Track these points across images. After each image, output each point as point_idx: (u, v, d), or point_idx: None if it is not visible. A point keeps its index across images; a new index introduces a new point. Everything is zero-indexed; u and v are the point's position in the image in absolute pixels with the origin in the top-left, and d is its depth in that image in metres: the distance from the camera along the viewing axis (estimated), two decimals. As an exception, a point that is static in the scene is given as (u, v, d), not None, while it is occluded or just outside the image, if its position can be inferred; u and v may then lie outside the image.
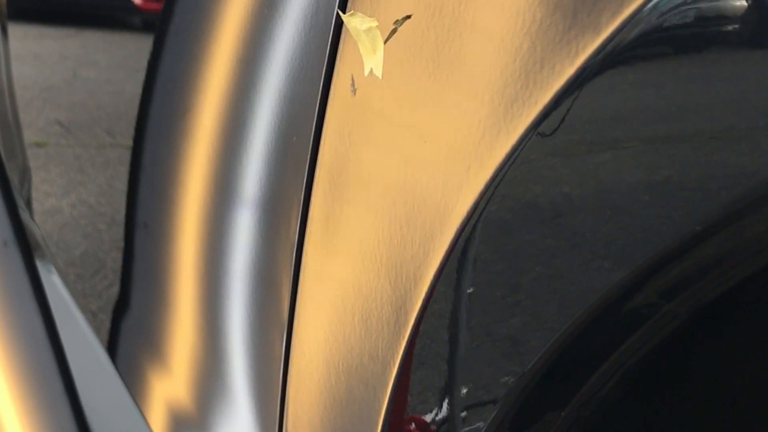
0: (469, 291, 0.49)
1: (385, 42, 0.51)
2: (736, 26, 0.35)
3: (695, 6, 0.37)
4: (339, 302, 0.60)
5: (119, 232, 1.09)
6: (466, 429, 0.50)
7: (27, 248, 1.14)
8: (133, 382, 1.05)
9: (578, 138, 0.42)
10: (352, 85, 0.56)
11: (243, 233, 0.75)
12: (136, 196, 1.02)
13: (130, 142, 1.01)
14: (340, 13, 0.55)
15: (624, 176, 0.40)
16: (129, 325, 1.09)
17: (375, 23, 0.51)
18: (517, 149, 0.44)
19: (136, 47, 1.13)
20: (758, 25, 0.35)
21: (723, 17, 0.36)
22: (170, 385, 0.94)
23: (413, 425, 0.54)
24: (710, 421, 0.42)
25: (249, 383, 0.77)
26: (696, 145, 0.38)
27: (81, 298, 1.41)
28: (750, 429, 0.59)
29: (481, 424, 0.49)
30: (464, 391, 0.50)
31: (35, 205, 2.00)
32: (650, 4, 0.38)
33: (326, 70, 0.59)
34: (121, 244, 1.08)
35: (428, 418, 0.53)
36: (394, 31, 0.51)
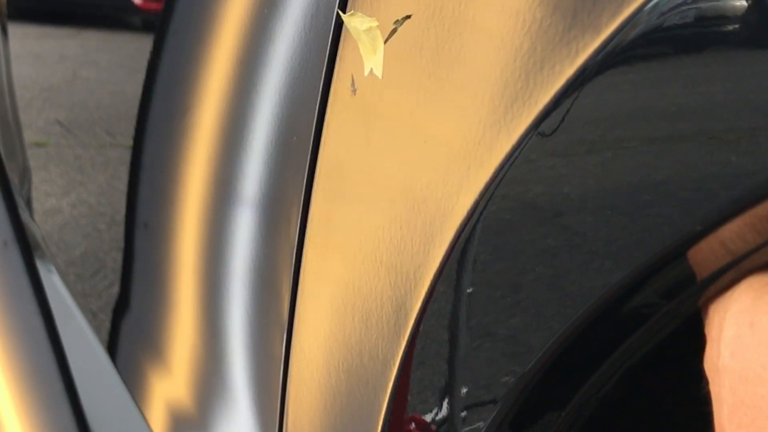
0: (469, 291, 0.49)
1: (385, 42, 0.51)
2: (736, 26, 0.35)
3: (695, 6, 0.37)
4: (339, 302, 0.60)
5: (119, 232, 1.09)
6: (466, 429, 0.50)
7: (27, 248, 1.14)
8: (133, 382, 1.05)
9: (578, 138, 0.42)
10: (352, 85, 0.56)
11: (243, 233, 0.75)
12: (136, 196, 1.02)
13: (130, 142, 1.01)
14: (340, 13, 0.55)
15: (624, 176, 0.40)
16: (129, 325, 1.09)
17: (375, 23, 0.51)
18: (518, 149, 0.44)
19: (136, 47, 1.13)
20: (758, 25, 0.35)
21: (723, 17, 0.36)
22: (170, 385, 0.94)
23: (413, 425, 0.54)
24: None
25: (249, 383, 0.77)
26: (696, 145, 0.38)
27: (81, 298, 1.41)
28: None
29: (481, 424, 0.49)
30: (464, 391, 0.50)
31: (35, 205, 2.00)
32: (650, 5, 0.38)
33: (326, 70, 0.59)
34: (121, 244, 1.08)
35: (428, 418, 0.53)
36: (394, 31, 0.51)
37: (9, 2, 1.87)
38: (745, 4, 0.35)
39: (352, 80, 0.56)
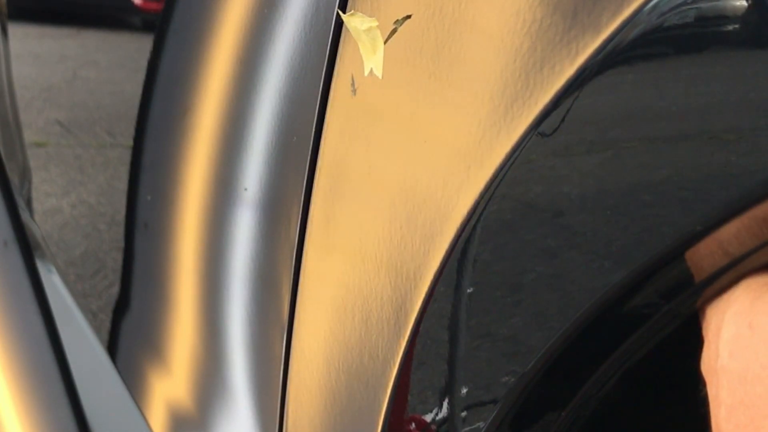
0: (469, 291, 0.49)
1: (385, 42, 0.51)
2: (736, 26, 0.35)
3: (695, 6, 0.37)
4: (339, 302, 0.60)
5: (119, 232, 1.09)
6: (466, 429, 0.50)
7: (27, 248, 1.14)
8: (133, 382, 1.05)
9: (578, 138, 0.42)
10: (352, 85, 0.56)
11: (243, 233, 0.75)
12: (136, 196, 1.02)
13: (130, 142, 1.01)
14: (340, 13, 0.55)
15: (624, 176, 0.40)
16: (129, 325, 1.09)
17: (375, 23, 0.51)
18: (518, 149, 0.44)
19: (136, 47, 1.13)
20: (758, 25, 0.35)
21: (723, 17, 0.36)
22: (170, 385, 0.94)
23: (413, 425, 0.54)
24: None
25: (249, 383, 0.77)
26: (696, 145, 0.38)
27: (81, 298, 1.41)
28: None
29: (481, 424, 0.49)
30: (464, 391, 0.50)
31: (35, 205, 2.00)
32: (650, 5, 0.38)
33: (326, 70, 0.59)
34: (121, 244, 1.08)
35: (428, 418, 0.53)
36: (394, 31, 0.51)
37: (9, 2, 1.87)
38: (745, 4, 0.35)
39: (352, 80, 0.56)
